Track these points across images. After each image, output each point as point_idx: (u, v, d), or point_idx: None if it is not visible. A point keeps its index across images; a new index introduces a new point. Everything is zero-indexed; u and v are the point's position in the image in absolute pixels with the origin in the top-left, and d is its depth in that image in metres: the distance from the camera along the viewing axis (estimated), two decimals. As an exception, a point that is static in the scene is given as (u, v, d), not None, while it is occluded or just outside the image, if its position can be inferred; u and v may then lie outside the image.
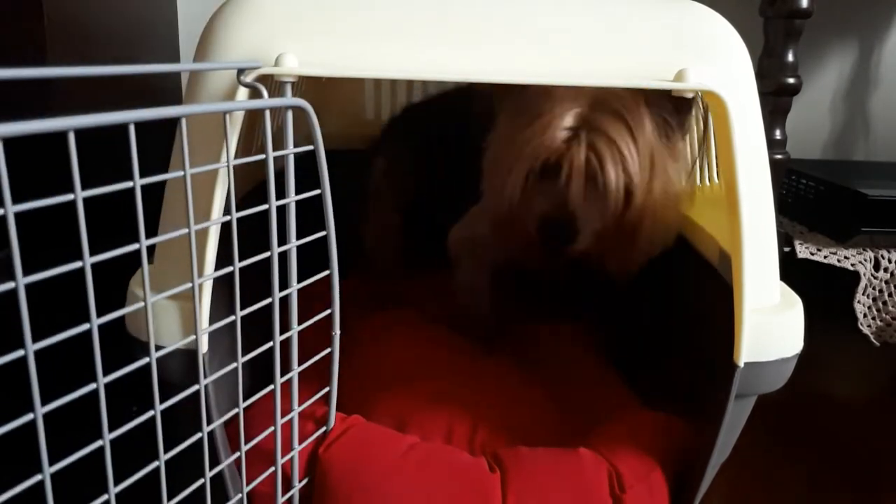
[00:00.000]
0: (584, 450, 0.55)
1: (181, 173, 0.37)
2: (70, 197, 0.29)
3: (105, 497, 0.35)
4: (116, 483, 0.35)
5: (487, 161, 0.71)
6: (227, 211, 0.42)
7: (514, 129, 0.67)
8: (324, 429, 0.55)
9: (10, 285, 0.27)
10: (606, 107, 0.62)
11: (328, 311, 0.52)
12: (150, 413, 0.38)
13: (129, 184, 0.33)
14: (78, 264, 0.31)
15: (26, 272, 0.28)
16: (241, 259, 0.42)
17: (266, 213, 0.43)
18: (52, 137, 0.28)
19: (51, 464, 0.31)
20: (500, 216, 0.70)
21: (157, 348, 0.39)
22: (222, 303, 0.48)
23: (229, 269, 0.42)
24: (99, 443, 0.34)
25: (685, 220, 0.68)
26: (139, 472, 0.37)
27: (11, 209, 0.26)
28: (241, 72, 0.43)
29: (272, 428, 0.49)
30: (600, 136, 0.62)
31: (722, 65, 0.49)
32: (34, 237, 0.53)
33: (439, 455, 0.56)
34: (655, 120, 0.64)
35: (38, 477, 0.31)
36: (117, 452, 0.36)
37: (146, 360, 0.38)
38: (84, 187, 0.30)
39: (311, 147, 0.45)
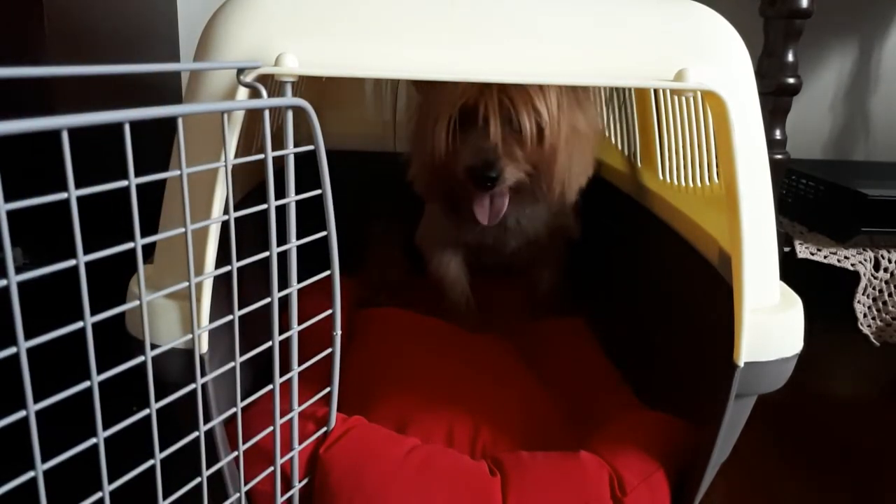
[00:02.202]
0: (584, 453, 0.55)
1: (178, 172, 0.36)
2: (63, 195, 0.29)
3: (99, 495, 0.35)
4: (113, 481, 0.35)
5: (414, 130, 0.79)
6: (226, 211, 0.42)
7: (431, 95, 0.75)
8: (324, 429, 0.55)
9: (2, 282, 0.27)
10: None
11: (329, 312, 0.52)
12: (147, 411, 0.38)
13: (125, 183, 0.33)
14: (72, 262, 0.31)
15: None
16: (243, 259, 0.42)
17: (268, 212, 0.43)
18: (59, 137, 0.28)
19: (47, 461, 0.31)
20: (433, 167, 0.76)
21: (156, 347, 0.39)
22: (223, 303, 0.48)
23: (227, 268, 0.42)
24: (93, 440, 0.34)
25: (678, 215, 0.68)
26: (136, 469, 0.37)
27: (3, 207, 0.26)
28: (240, 71, 0.43)
29: (271, 428, 0.49)
30: (509, 85, 0.69)
31: (722, 65, 0.49)
32: (50, 235, 0.53)
33: (440, 458, 0.56)
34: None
35: (31, 474, 0.31)
36: (120, 451, 0.36)
37: (141, 358, 0.37)
38: (92, 187, 0.30)
39: (311, 147, 0.45)
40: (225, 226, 0.42)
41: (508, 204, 0.77)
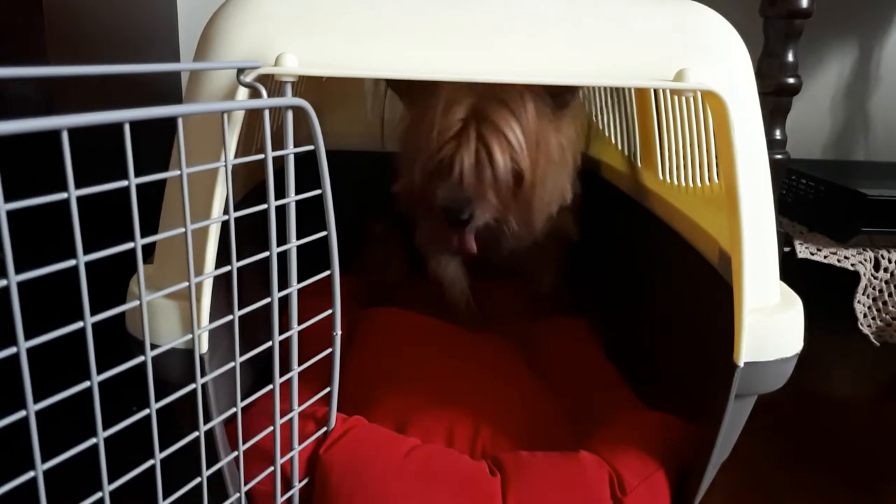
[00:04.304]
0: (584, 453, 0.55)
1: (178, 172, 0.37)
2: (63, 195, 0.29)
3: (99, 495, 0.35)
4: (113, 481, 0.35)
5: (401, 147, 0.79)
6: (226, 211, 0.42)
7: (414, 119, 0.76)
8: (324, 429, 0.55)
9: (2, 282, 0.27)
10: (492, 96, 0.70)
11: (329, 312, 0.52)
12: (147, 411, 0.38)
13: (125, 183, 0.33)
14: (72, 262, 0.31)
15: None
16: (243, 259, 0.42)
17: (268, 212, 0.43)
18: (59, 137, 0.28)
19: (47, 461, 0.31)
20: (413, 189, 0.77)
21: (156, 347, 0.39)
22: (223, 303, 0.48)
23: (227, 268, 0.42)
24: (93, 440, 0.34)
25: (678, 215, 0.68)
26: (136, 469, 0.37)
27: (3, 207, 0.26)
28: (240, 71, 0.43)
29: (271, 428, 0.49)
30: (488, 126, 0.70)
31: (722, 65, 0.49)
32: (48, 236, 0.53)
33: (440, 458, 0.56)
34: (536, 101, 0.71)
35: (31, 474, 0.31)
36: (120, 451, 0.36)
37: (141, 358, 0.38)
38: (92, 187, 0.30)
39: (311, 147, 0.45)
40: (225, 226, 0.42)
41: (483, 242, 0.78)
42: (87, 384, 0.33)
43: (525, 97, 0.71)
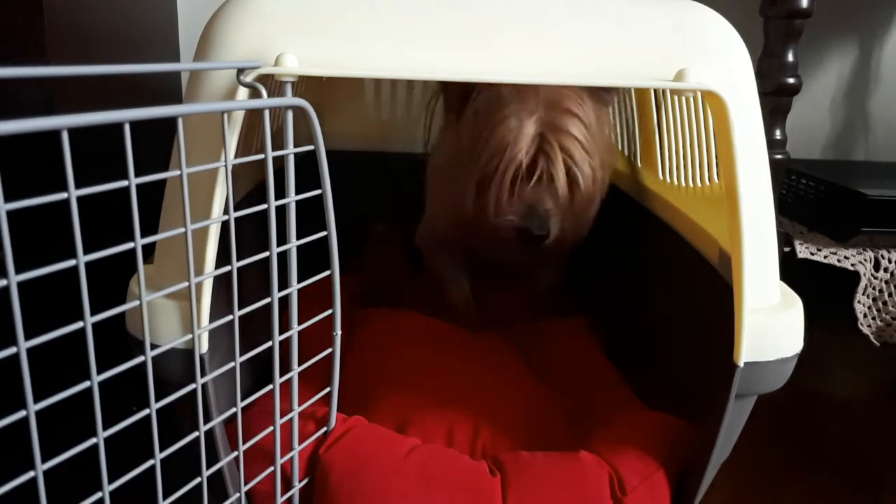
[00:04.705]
0: (584, 453, 0.55)
1: (178, 172, 0.37)
2: (63, 195, 0.29)
3: (99, 495, 0.35)
4: (113, 481, 0.35)
5: (433, 168, 0.77)
6: (226, 211, 0.42)
7: (471, 137, 0.71)
8: (324, 429, 0.55)
9: (2, 282, 0.27)
10: (559, 106, 0.68)
11: (329, 312, 0.52)
12: (147, 411, 0.38)
13: (125, 183, 0.33)
14: (72, 262, 0.31)
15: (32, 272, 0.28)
16: (243, 259, 0.42)
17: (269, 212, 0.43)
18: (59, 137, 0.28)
19: (47, 461, 0.31)
20: (461, 220, 0.75)
21: (156, 347, 0.39)
22: (223, 303, 0.48)
23: (227, 268, 0.42)
24: (93, 440, 0.34)
25: (678, 215, 0.69)
26: (136, 469, 0.37)
27: (3, 207, 0.26)
28: (240, 72, 0.43)
29: (271, 428, 0.49)
30: (565, 136, 0.68)
31: (722, 65, 0.49)
32: (48, 236, 0.53)
33: (440, 458, 0.56)
34: (593, 100, 0.70)
35: (31, 474, 0.31)
36: (122, 451, 0.36)
37: (141, 358, 0.38)
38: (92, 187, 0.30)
39: (311, 147, 0.45)
40: (225, 226, 0.42)
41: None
42: (87, 384, 0.33)
43: (584, 98, 0.69)
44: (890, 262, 1.07)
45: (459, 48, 0.47)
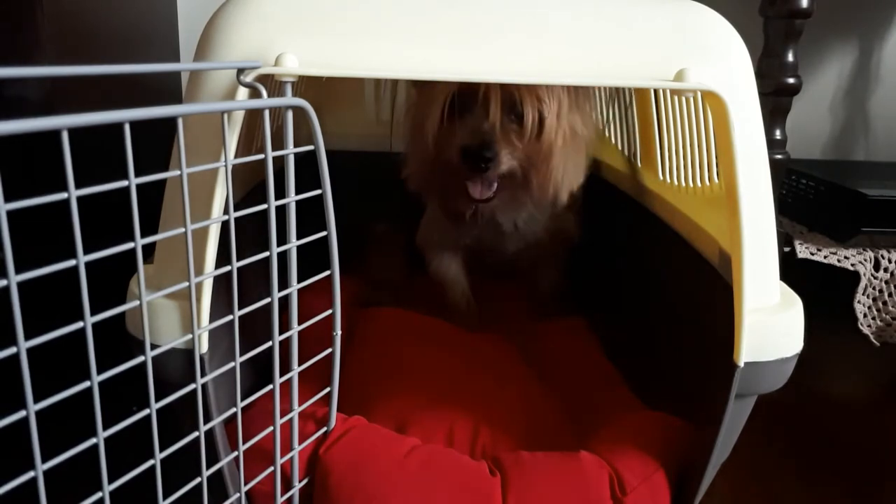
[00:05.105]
0: (584, 453, 0.55)
1: (178, 172, 0.37)
2: (63, 195, 0.29)
3: (99, 495, 0.35)
4: (113, 481, 0.35)
5: (409, 125, 0.79)
6: (226, 211, 0.42)
7: (427, 87, 0.75)
8: (324, 429, 0.55)
9: (2, 282, 0.27)
10: None
11: (329, 312, 0.52)
12: (147, 411, 0.38)
13: (125, 183, 0.33)
14: (72, 262, 0.31)
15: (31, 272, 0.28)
16: (243, 259, 0.42)
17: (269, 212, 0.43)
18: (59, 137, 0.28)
19: (47, 461, 0.31)
20: (427, 158, 0.76)
21: (156, 347, 0.39)
22: (223, 303, 0.48)
23: (227, 268, 0.42)
24: (93, 440, 0.34)
25: (678, 215, 0.68)
26: (136, 469, 0.37)
27: (3, 207, 0.26)
28: (240, 71, 0.43)
29: (271, 428, 0.49)
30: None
31: (722, 65, 0.49)
32: (48, 236, 0.53)
33: (440, 458, 0.56)
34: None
35: (31, 474, 0.31)
36: (122, 451, 0.36)
37: (141, 358, 0.38)
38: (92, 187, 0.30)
39: (311, 147, 0.45)
40: (225, 226, 0.42)
41: (501, 198, 0.77)
42: (87, 384, 0.33)
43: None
44: (890, 262, 1.07)
45: (459, 48, 0.47)
